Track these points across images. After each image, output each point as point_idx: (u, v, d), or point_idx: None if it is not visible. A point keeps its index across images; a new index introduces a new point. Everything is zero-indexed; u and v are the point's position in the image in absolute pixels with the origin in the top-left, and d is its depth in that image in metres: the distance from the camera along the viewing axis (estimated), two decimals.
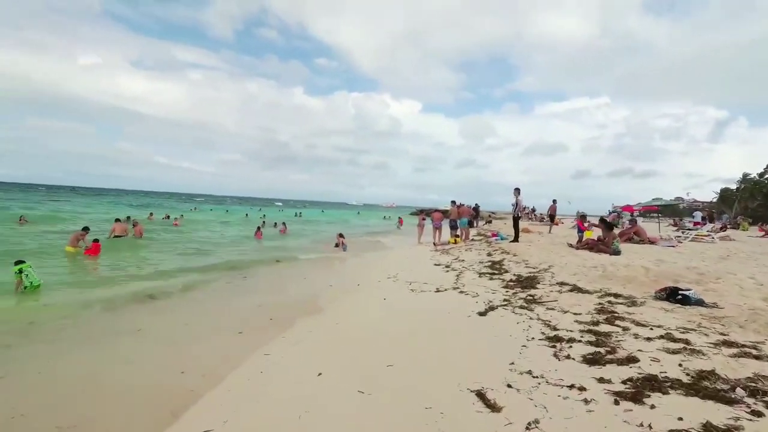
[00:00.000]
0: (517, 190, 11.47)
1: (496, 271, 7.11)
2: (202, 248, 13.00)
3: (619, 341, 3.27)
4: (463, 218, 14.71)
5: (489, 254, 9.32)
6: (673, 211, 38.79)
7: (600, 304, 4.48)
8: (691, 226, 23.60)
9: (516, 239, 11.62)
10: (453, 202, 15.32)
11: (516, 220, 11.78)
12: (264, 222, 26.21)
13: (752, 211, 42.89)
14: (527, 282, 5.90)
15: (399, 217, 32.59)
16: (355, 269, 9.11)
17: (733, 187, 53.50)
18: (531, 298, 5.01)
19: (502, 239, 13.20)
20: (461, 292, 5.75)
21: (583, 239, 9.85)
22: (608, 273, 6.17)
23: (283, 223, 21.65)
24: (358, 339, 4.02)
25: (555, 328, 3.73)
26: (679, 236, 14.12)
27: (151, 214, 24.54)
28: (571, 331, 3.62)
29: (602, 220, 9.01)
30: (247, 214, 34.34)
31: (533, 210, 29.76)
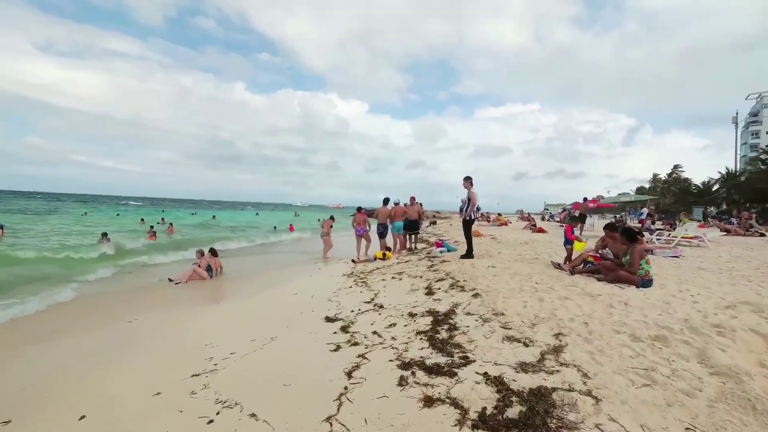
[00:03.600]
0: (469, 180, 7.62)
1: (443, 353, 3.06)
2: None
3: None
4: (396, 221, 10.66)
5: (429, 290, 5.29)
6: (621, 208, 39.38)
7: None
8: (636, 224, 22.53)
9: (469, 254, 7.83)
10: (386, 201, 11.18)
11: (468, 225, 7.88)
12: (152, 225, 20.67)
13: (665, 207, 47.03)
14: None
15: (290, 225, 25.65)
16: (177, 333, 4.50)
17: (647, 186, 61.22)
18: None
19: (449, 251, 9.44)
20: None
21: (574, 256, 6.28)
22: (722, 376, 2.39)
23: (152, 226, 18.60)
24: None
25: None
26: (659, 239, 11.54)
27: None
28: None
29: (623, 229, 5.44)
30: (143, 219, 27.76)
31: (478, 209, 27.00)
